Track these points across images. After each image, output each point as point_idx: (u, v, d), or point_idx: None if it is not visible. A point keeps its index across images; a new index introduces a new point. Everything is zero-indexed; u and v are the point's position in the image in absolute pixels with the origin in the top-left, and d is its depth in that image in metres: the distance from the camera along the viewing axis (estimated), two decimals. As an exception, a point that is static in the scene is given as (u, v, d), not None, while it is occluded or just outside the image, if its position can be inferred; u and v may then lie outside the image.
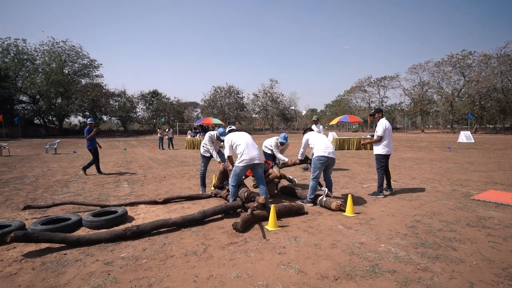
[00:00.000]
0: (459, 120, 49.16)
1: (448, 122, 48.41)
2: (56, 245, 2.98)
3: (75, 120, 50.63)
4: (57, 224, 3.37)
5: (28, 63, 39.78)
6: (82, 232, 3.44)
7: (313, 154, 4.64)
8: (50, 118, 45.59)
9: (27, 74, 39.90)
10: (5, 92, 34.31)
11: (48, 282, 2.30)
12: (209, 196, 5.04)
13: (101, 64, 46.32)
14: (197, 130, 20.95)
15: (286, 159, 5.54)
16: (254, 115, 63.58)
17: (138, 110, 50.57)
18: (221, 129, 5.13)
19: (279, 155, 5.66)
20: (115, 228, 3.50)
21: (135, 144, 23.25)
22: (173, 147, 17.51)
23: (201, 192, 5.34)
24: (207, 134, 5.28)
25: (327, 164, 4.52)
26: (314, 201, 4.50)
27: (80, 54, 43.58)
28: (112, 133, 46.13)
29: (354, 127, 60.91)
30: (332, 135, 20.98)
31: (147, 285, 2.24)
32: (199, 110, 64.45)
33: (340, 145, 15.64)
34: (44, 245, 2.99)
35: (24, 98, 41.92)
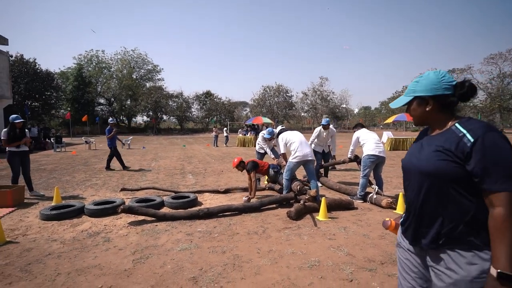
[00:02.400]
0: (554, 118, 41.12)
1: (537, 120, 40.88)
2: (149, 218, 3.82)
3: (139, 119, 57.22)
4: (147, 203, 4.26)
5: (105, 70, 46.51)
6: (165, 210, 4.27)
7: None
8: (121, 118, 52.37)
9: (104, 80, 46.61)
10: (89, 96, 41.04)
11: (149, 243, 3.07)
12: (264, 189, 5.58)
13: (162, 69, 51.45)
14: (247, 129, 22.11)
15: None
16: (302, 114, 62.93)
17: (193, 109, 54.59)
18: (269, 129, 5.63)
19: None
20: (189, 209, 4.25)
21: (191, 141, 25.39)
22: (226, 145, 18.74)
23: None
24: (261, 134, 5.89)
25: (377, 162, 4.64)
26: (364, 198, 4.67)
27: (146, 60, 49.15)
28: (170, 131, 50.79)
29: (414, 126, 55.69)
30: (387, 134, 19.78)
31: (221, 252, 2.83)
32: (248, 109, 66.43)
33: (396, 145, 14.79)
34: (140, 217, 3.86)
35: (102, 100, 49.11)
